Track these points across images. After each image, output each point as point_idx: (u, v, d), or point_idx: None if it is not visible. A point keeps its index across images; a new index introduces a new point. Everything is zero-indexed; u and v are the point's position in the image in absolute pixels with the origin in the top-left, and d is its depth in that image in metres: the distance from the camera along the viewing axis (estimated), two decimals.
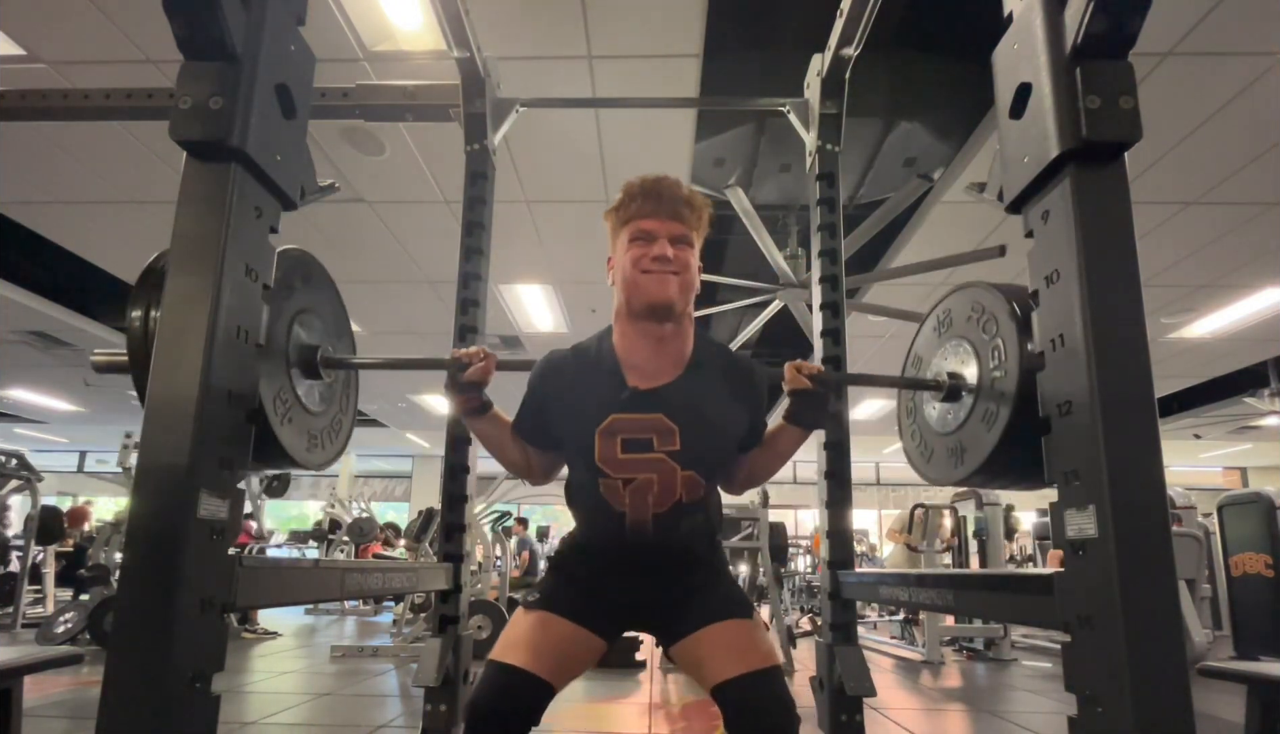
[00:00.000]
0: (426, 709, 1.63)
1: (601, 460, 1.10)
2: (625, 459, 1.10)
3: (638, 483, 1.10)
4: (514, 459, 1.26)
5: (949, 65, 2.98)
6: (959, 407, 1.27)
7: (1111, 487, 0.75)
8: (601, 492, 1.12)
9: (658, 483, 1.10)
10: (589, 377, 1.15)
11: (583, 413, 1.12)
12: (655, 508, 1.11)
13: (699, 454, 1.11)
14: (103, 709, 0.72)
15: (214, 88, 0.86)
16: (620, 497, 1.11)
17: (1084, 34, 0.82)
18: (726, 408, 1.15)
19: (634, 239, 1.10)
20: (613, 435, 1.10)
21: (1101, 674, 0.74)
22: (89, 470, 13.44)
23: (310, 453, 1.25)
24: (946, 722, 3.20)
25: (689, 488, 1.12)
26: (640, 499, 1.11)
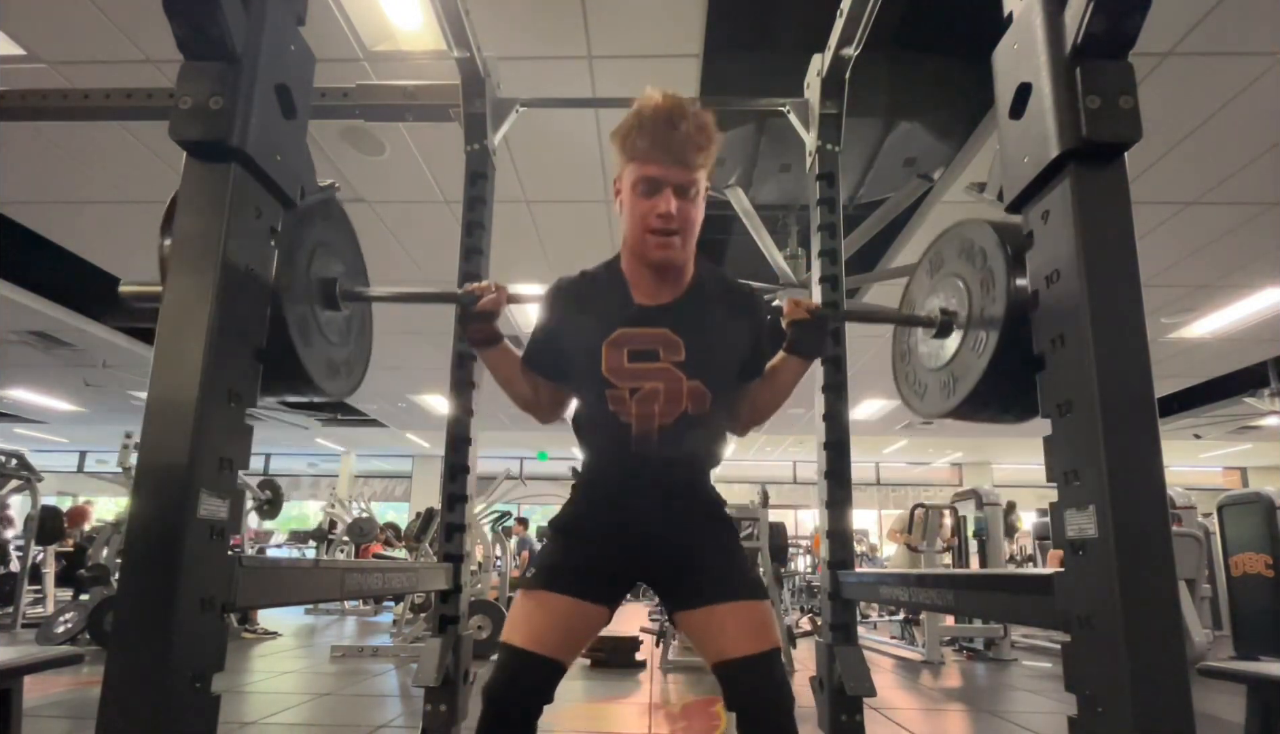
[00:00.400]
0: (426, 709, 1.63)
1: (608, 370, 1.13)
2: (631, 368, 1.12)
3: (644, 392, 1.12)
4: (523, 393, 1.28)
5: (949, 65, 2.98)
6: (950, 341, 1.31)
7: (1111, 487, 0.75)
8: (609, 404, 1.13)
9: (664, 392, 1.12)
10: (597, 295, 1.18)
11: (590, 327, 1.15)
12: (661, 418, 1.12)
13: (704, 364, 1.13)
14: (103, 709, 0.72)
15: (214, 88, 0.86)
16: (627, 406, 1.12)
17: (1084, 34, 0.82)
18: (729, 325, 1.18)
19: (638, 184, 1.09)
20: (619, 346, 1.13)
21: (1101, 674, 0.74)
22: (89, 470, 13.44)
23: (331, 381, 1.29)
24: (946, 722, 3.20)
25: (694, 399, 1.13)
26: (646, 408, 1.12)
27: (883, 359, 6.83)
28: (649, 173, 1.08)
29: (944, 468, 14.20)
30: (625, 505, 1.16)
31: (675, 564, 1.14)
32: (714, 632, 1.08)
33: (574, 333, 1.18)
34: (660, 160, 1.07)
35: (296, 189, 1.01)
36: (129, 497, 1.56)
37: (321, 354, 1.25)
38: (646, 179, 1.08)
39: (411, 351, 7.04)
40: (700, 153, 1.09)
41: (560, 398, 1.30)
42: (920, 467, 14.15)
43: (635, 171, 1.09)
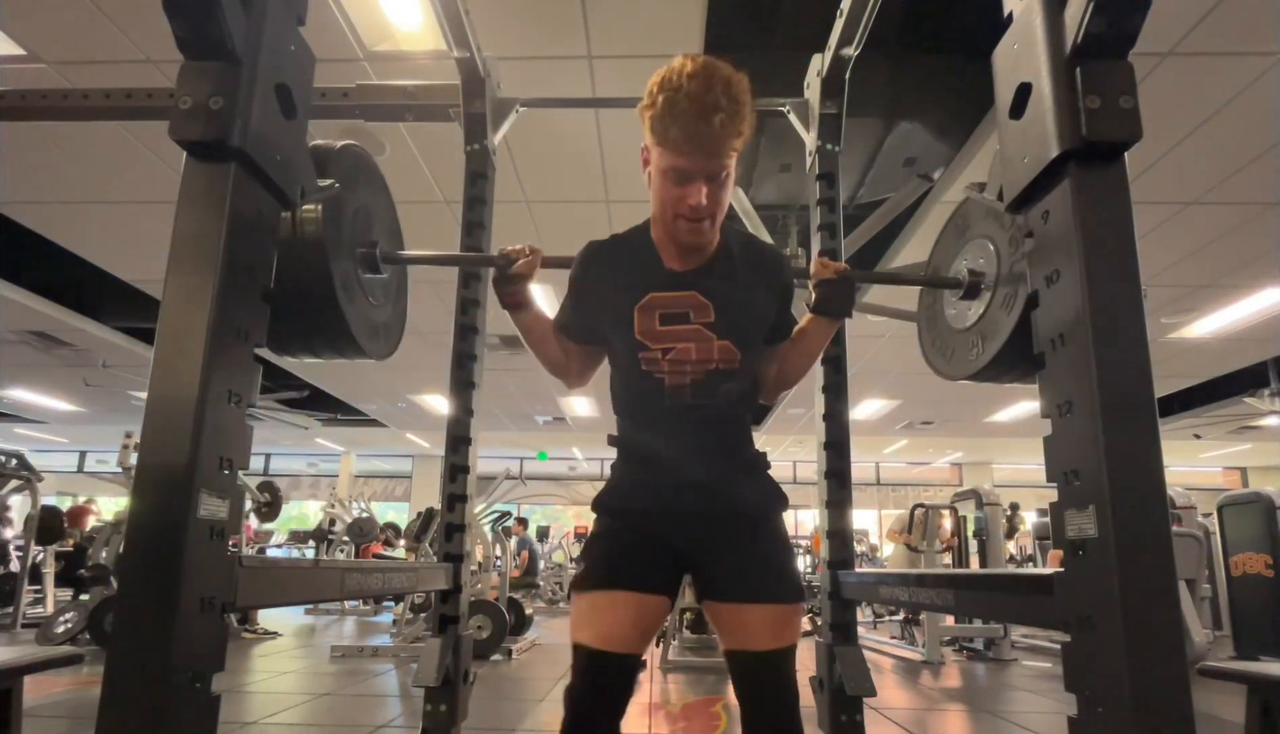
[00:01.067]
0: (426, 709, 1.63)
1: (640, 333, 1.15)
2: (663, 331, 1.15)
3: (676, 352, 1.15)
4: (554, 357, 1.30)
5: (949, 65, 2.98)
6: (979, 301, 1.32)
7: (1111, 487, 0.75)
8: (642, 365, 1.16)
9: (695, 351, 1.14)
10: (628, 260, 1.20)
11: (622, 292, 1.17)
12: (693, 374, 1.15)
13: (732, 324, 1.15)
14: (103, 709, 0.72)
15: (214, 88, 0.86)
16: (660, 365, 1.15)
17: (1084, 34, 0.82)
18: (755, 287, 1.19)
19: (669, 172, 1.08)
20: (651, 310, 1.15)
21: (1101, 674, 0.74)
22: (89, 470, 13.44)
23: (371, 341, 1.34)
24: (946, 722, 3.20)
25: (724, 356, 1.15)
26: (679, 367, 1.15)
27: (883, 359, 6.83)
28: (680, 164, 1.06)
29: (944, 468, 14.20)
30: (662, 460, 1.16)
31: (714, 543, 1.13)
32: (737, 626, 1.09)
33: (606, 296, 1.20)
34: (693, 154, 1.05)
35: (296, 189, 1.01)
36: (129, 497, 1.56)
37: (363, 314, 1.30)
38: (678, 170, 1.07)
39: (411, 351, 7.04)
40: (735, 140, 1.06)
41: (590, 361, 1.32)
42: (920, 467, 14.15)
43: (666, 158, 1.07)
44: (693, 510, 1.14)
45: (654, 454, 1.18)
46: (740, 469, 1.19)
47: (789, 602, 1.11)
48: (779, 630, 1.09)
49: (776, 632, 1.08)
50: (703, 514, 1.14)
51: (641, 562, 1.11)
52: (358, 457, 14.03)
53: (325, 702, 3.32)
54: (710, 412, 1.16)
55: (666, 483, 1.15)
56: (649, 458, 1.18)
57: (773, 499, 1.20)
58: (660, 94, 1.04)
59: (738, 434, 1.22)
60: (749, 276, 1.19)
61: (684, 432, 1.16)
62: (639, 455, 1.20)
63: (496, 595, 5.36)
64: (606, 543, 1.16)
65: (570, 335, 1.29)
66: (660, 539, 1.13)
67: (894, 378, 7.62)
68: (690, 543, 1.13)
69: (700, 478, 1.15)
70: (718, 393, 1.15)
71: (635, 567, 1.11)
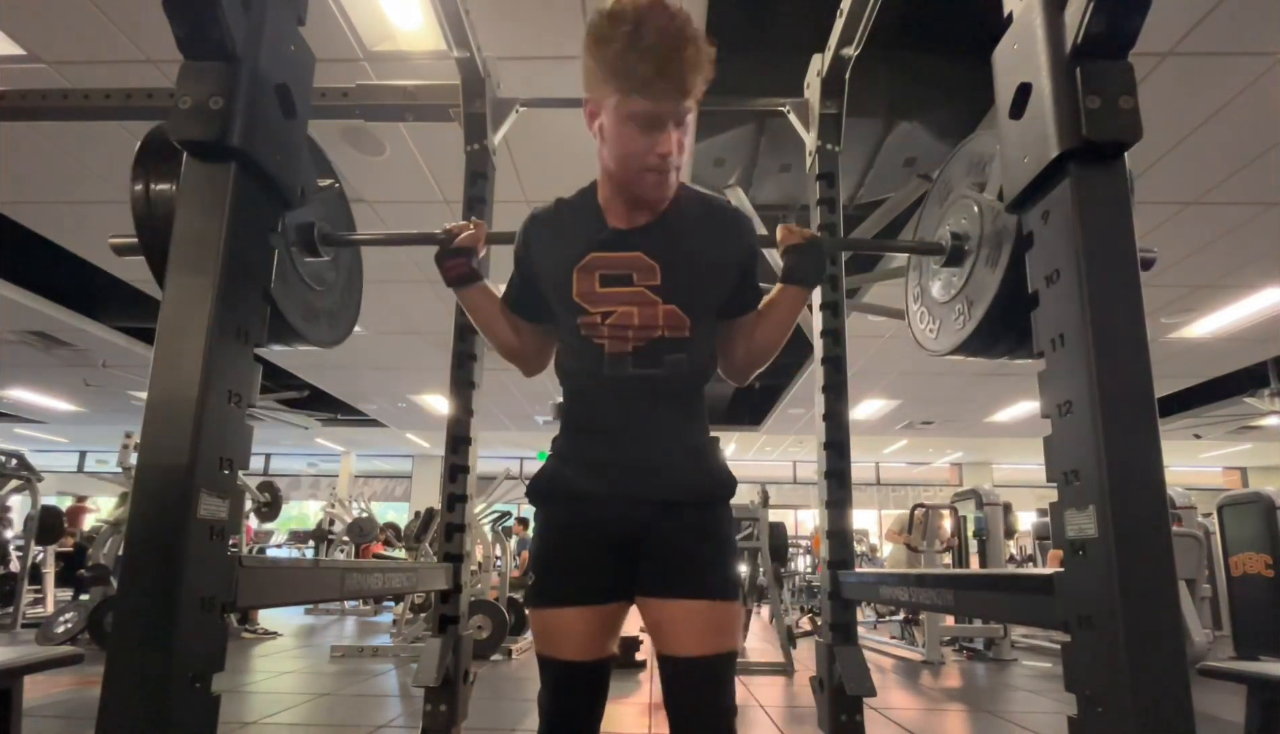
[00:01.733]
0: (426, 709, 1.63)
1: (579, 296, 1.06)
2: (603, 293, 1.06)
3: (617, 315, 1.06)
4: (506, 339, 1.21)
5: (949, 65, 2.98)
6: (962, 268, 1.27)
7: (1111, 487, 0.75)
8: (581, 330, 1.07)
9: (638, 315, 1.05)
10: (570, 222, 1.12)
11: (562, 253, 1.09)
12: (635, 341, 1.06)
13: (680, 287, 1.06)
14: (103, 709, 0.72)
15: (214, 88, 0.86)
16: (599, 330, 1.06)
17: (1084, 34, 0.82)
18: (709, 248, 1.09)
19: (634, 119, 0.96)
20: (590, 271, 1.06)
21: (1101, 674, 0.74)
22: (89, 470, 13.44)
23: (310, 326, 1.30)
24: (946, 722, 3.20)
25: (671, 322, 1.06)
26: (620, 333, 1.06)
27: (883, 359, 6.83)
28: (648, 108, 0.94)
29: (944, 468, 14.20)
30: (601, 436, 1.07)
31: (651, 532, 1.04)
32: (667, 625, 1.01)
33: (547, 261, 1.12)
34: (664, 94, 0.94)
35: (296, 189, 1.01)
36: (129, 496, 1.56)
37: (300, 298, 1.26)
38: (647, 115, 0.95)
39: (411, 351, 7.04)
40: (702, 75, 0.96)
41: (546, 342, 1.23)
42: (920, 467, 14.15)
43: (631, 104, 0.95)
44: (632, 495, 1.04)
45: (593, 429, 1.09)
46: (686, 451, 1.08)
47: (722, 598, 1.01)
48: (712, 632, 0.99)
49: (710, 633, 0.99)
50: (642, 500, 1.04)
51: (592, 570, 1.04)
52: (358, 457, 14.03)
53: (325, 702, 3.32)
54: (654, 384, 1.06)
55: (604, 463, 1.06)
56: (588, 433, 1.09)
57: (718, 487, 1.09)
58: (618, 29, 0.93)
59: (686, 412, 1.10)
60: (703, 237, 1.09)
61: (625, 406, 1.07)
62: (577, 429, 1.11)
63: (496, 595, 5.36)
64: (554, 551, 1.08)
65: (519, 311, 1.20)
66: (604, 534, 1.04)
67: (894, 378, 7.62)
68: (633, 529, 1.04)
69: (640, 458, 1.05)
70: (663, 363, 1.06)
71: (587, 578, 1.04)
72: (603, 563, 1.04)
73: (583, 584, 1.04)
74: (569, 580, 1.05)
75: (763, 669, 4.31)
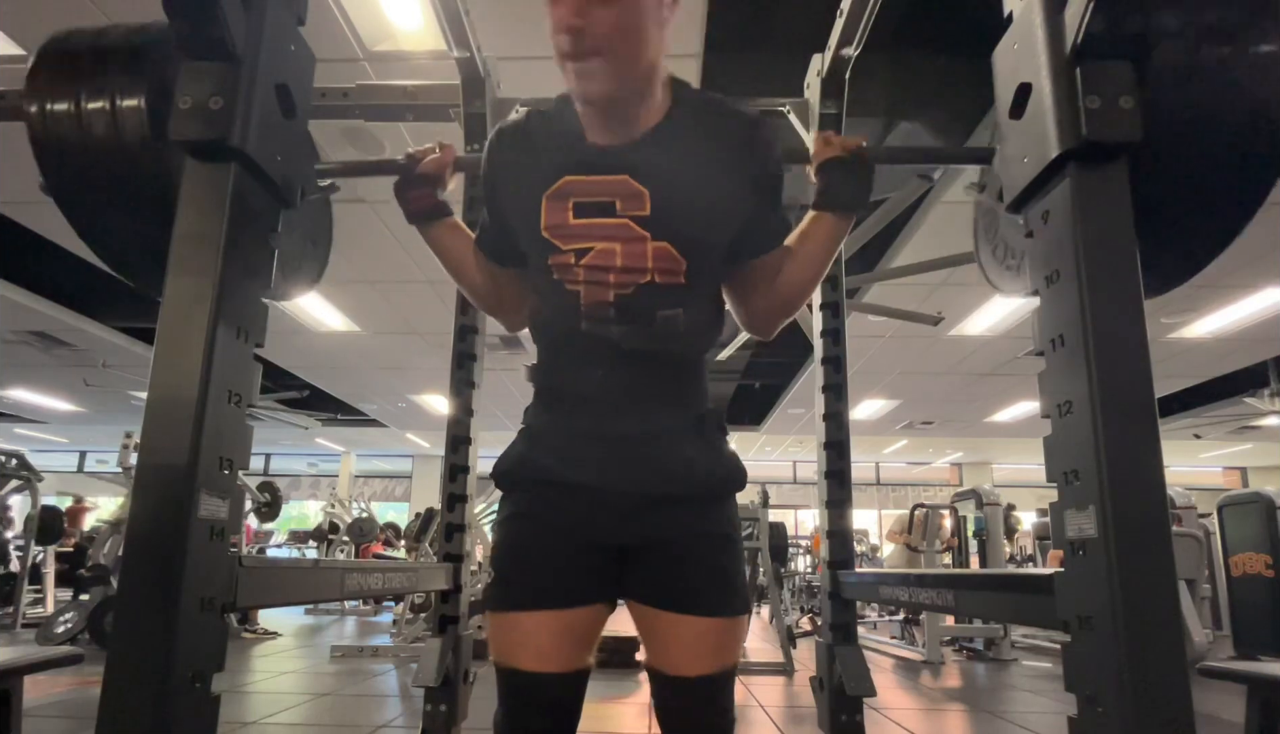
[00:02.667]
0: (426, 709, 1.63)
1: (548, 229, 0.86)
2: (578, 225, 0.85)
3: (595, 252, 0.85)
4: (479, 285, 1.03)
5: (949, 65, 2.98)
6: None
7: (1111, 487, 0.75)
8: (553, 273, 0.87)
9: (620, 253, 0.85)
10: (542, 138, 0.90)
11: (530, 177, 0.88)
12: (617, 287, 0.85)
13: (675, 219, 0.85)
14: (103, 709, 0.72)
15: (214, 87, 0.86)
16: (573, 272, 0.86)
17: (1084, 34, 0.82)
18: (715, 170, 0.87)
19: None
20: (563, 198, 0.86)
21: (1101, 674, 0.74)
22: (89, 470, 13.45)
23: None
24: (946, 722, 3.20)
25: (662, 264, 0.85)
26: (599, 275, 0.85)
27: (883, 359, 6.83)
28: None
29: (944, 468, 14.21)
30: (580, 408, 0.88)
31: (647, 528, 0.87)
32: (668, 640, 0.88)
33: (513, 187, 0.91)
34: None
35: (296, 189, 1.01)
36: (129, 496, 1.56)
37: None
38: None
39: (411, 352, 7.04)
40: None
41: (519, 289, 1.02)
42: (920, 467, 14.15)
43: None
44: (621, 488, 0.86)
45: (569, 398, 0.90)
46: (686, 428, 0.90)
47: (733, 615, 0.88)
48: (718, 650, 0.86)
49: (715, 652, 0.86)
50: (633, 491, 0.86)
51: (564, 568, 0.86)
52: (358, 457, 14.04)
53: (325, 702, 3.32)
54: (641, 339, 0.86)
55: (584, 442, 0.88)
56: (563, 404, 0.90)
57: (726, 475, 0.91)
58: None
59: (685, 378, 0.91)
60: (709, 154, 0.87)
61: (608, 368, 0.87)
62: (551, 399, 0.92)
63: None
64: (517, 544, 0.89)
65: (492, 255, 0.99)
66: (583, 530, 0.87)
67: (894, 378, 7.62)
68: (621, 526, 0.87)
69: (628, 434, 0.87)
70: (653, 319, 0.86)
71: (556, 577, 0.86)
72: (578, 560, 0.87)
73: (551, 583, 0.86)
74: (534, 578, 0.86)
75: (763, 669, 4.31)
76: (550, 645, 0.85)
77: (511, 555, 0.89)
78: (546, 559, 0.87)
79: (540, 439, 0.91)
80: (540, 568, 0.87)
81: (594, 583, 0.88)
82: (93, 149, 0.96)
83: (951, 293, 5.12)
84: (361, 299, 5.70)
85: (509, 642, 0.86)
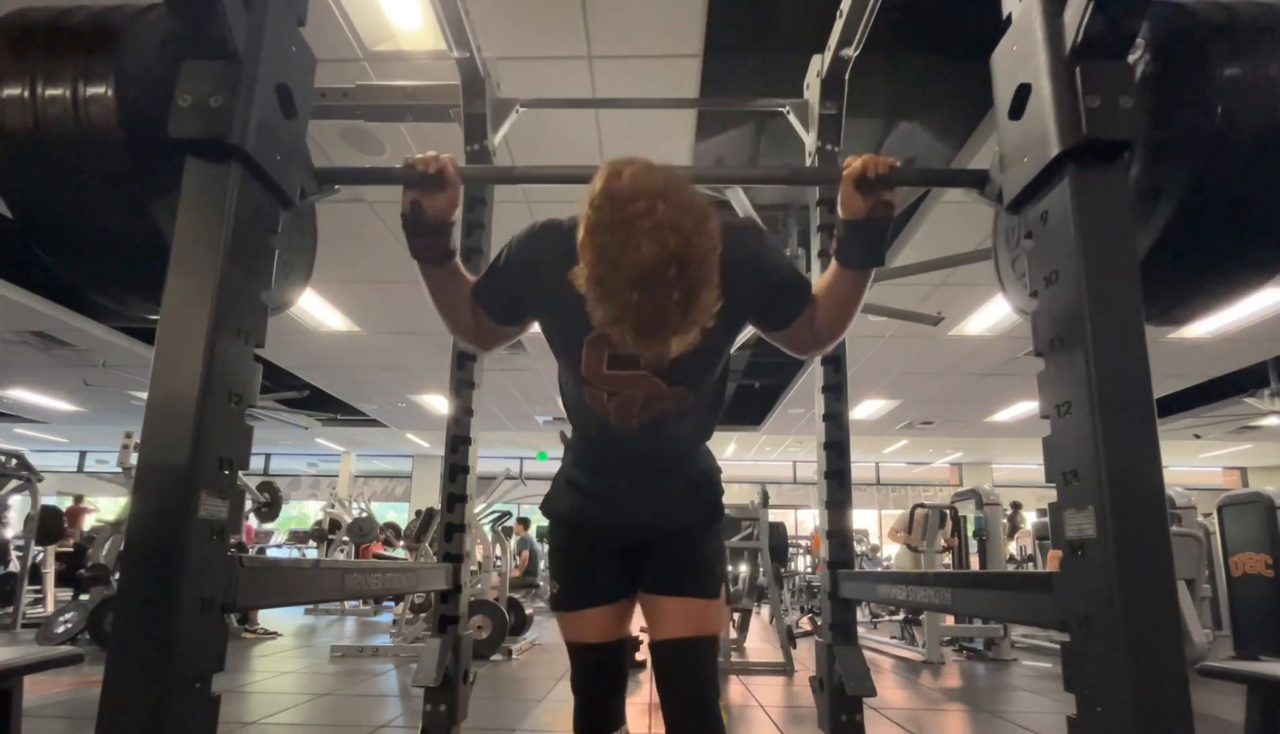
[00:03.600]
0: (426, 709, 1.63)
1: (586, 370, 1.08)
2: (610, 375, 1.06)
3: (622, 397, 1.08)
4: (462, 322, 1.13)
5: (949, 65, 2.98)
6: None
7: (1110, 487, 0.75)
8: (586, 399, 1.11)
9: (642, 398, 1.08)
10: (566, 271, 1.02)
11: (571, 316, 0.99)
12: (640, 418, 1.10)
13: (687, 374, 1.06)
14: (103, 709, 0.72)
15: (214, 86, 0.86)
16: (604, 406, 1.10)
17: (1083, 34, 0.82)
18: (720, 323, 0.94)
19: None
20: (599, 348, 1.04)
21: (1101, 674, 0.74)
22: (89, 470, 13.45)
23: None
24: (946, 722, 3.20)
25: (676, 401, 1.09)
26: (625, 411, 1.09)
27: (882, 359, 6.83)
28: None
29: (944, 468, 14.20)
30: (609, 480, 1.22)
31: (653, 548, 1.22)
32: (658, 615, 1.19)
33: (551, 308, 1.07)
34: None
35: (296, 189, 1.01)
36: (129, 497, 1.56)
37: None
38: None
39: (411, 352, 7.04)
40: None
41: (501, 338, 1.18)
42: (920, 467, 14.15)
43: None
44: (641, 526, 1.21)
45: (602, 473, 1.23)
46: (685, 489, 1.23)
47: (703, 596, 1.19)
48: (695, 619, 1.16)
49: (693, 620, 1.16)
50: (645, 528, 1.21)
51: (605, 578, 1.23)
52: (358, 457, 14.04)
53: (325, 702, 3.32)
54: (658, 447, 1.18)
55: (616, 499, 1.21)
56: (598, 476, 1.23)
57: (708, 518, 1.25)
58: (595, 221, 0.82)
59: (688, 456, 1.24)
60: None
61: (632, 457, 1.19)
62: (587, 468, 1.24)
63: (496, 595, 5.36)
64: (573, 562, 1.26)
65: (490, 311, 1.12)
66: (613, 551, 1.23)
67: (894, 378, 7.62)
68: (639, 545, 1.23)
69: (647, 498, 1.20)
70: (665, 433, 1.14)
71: (601, 584, 1.23)
72: (615, 573, 1.23)
73: (599, 589, 1.23)
74: (589, 589, 1.23)
75: (763, 669, 4.31)
76: (605, 627, 1.22)
77: (569, 575, 1.26)
78: (595, 575, 1.23)
79: (580, 493, 1.24)
80: (591, 582, 1.23)
81: (625, 585, 1.24)
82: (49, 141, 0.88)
83: (951, 293, 5.12)
84: (361, 299, 5.70)
85: (580, 628, 1.22)
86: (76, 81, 0.87)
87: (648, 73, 2.94)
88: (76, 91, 0.87)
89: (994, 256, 1.38)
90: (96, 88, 0.87)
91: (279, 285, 1.25)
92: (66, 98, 0.88)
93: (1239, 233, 0.89)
